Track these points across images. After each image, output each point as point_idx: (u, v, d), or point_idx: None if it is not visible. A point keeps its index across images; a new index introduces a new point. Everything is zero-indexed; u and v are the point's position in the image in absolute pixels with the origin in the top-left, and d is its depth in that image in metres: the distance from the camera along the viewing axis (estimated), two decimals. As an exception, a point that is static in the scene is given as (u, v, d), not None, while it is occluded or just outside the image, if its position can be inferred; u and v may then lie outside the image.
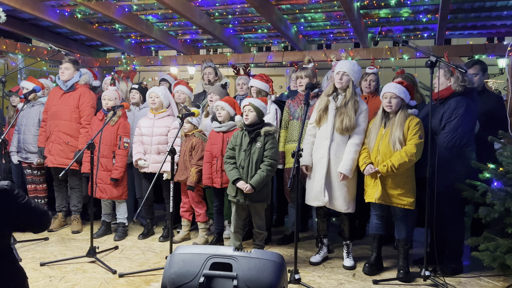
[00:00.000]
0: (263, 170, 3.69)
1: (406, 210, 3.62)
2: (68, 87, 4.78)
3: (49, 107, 4.86)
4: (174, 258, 2.59)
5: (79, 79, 4.86)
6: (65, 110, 4.75)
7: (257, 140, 3.75)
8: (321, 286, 3.45)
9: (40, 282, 3.42)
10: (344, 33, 7.32)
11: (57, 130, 4.72)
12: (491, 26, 6.42)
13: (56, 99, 4.80)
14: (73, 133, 4.75)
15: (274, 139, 3.80)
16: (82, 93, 4.80)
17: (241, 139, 3.81)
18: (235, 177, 3.73)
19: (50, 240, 4.52)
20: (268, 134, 3.75)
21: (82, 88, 4.86)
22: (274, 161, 3.74)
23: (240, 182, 3.71)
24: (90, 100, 4.83)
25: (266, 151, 3.73)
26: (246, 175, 3.73)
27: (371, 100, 4.36)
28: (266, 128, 3.75)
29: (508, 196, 3.27)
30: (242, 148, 3.78)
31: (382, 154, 3.60)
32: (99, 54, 9.00)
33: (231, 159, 3.85)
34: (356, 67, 3.80)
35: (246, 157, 3.75)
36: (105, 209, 4.76)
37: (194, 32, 7.70)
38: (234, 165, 3.81)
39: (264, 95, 4.35)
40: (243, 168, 3.74)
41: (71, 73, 4.78)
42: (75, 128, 4.76)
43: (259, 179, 3.67)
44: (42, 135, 4.88)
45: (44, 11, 6.29)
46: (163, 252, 4.21)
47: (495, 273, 3.70)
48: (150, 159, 4.54)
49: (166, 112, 4.60)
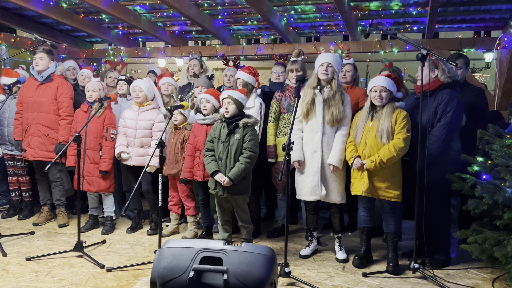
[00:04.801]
0: (242, 162, 3.64)
1: (393, 202, 3.64)
2: (44, 78, 4.64)
3: (23, 99, 4.70)
4: (164, 252, 2.56)
5: (55, 70, 4.74)
6: (42, 102, 4.61)
7: (236, 132, 3.70)
8: (311, 279, 3.45)
9: (26, 277, 3.36)
10: (334, 26, 7.31)
11: (36, 122, 4.60)
12: (479, 20, 6.46)
13: (32, 91, 4.66)
14: (53, 125, 4.64)
15: (254, 131, 3.75)
16: (60, 84, 4.67)
17: (219, 131, 3.76)
18: (213, 169, 3.69)
19: (36, 234, 4.45)
20: (247, 125, 3.70)
21: (59, 79, 4.73)
22: (253, 153, 3.69)
23: (218, 175, 3.67)
24: (68, 91, 4.70)
25: (245, 143, 3.68)
26: (224, 167, 3.68)
27: (350, 91, 4.37)
28: (245, 119, 3.70)
29: (497, 189, 3.29)
30: (220, 140, 3.73)
31: (369, 147, 3.60)
32: (85, 45, 8.86)
33: (209, 151, 3.80)
34: (339, 59, 3.85)
35: (225, 149, 3.70)
36: (92, 203, 4.70)
37: (182, 23, 7.62)
38: (212, 158, 3.76)
39: (250, 88, 4.31)
40: (222, 160, 3.69)
41: (46, 63, 4.64)
42: (54, 120, 4.65)
43: (237, 172, 3.63)
44: (18, 127, 4.75)
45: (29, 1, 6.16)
46: (151, 246, 4.17)
47: (483, 265, 3.74)
48: (133, 152, 4.48)
49: (151, 105, 4.53)
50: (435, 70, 3.69)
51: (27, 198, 5.12)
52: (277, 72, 4.67)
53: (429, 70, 3.67)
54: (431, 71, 3.68)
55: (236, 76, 4.43)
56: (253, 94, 4.35)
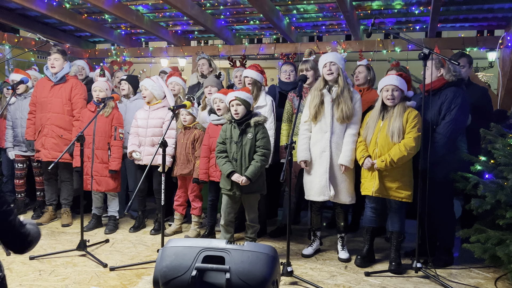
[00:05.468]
0: (257, 160, 3.67)
1: (401, 202, 3.61)
2: (58, 79, 4.66)
3: (37, 99, 4.73)
4: (166, 251, 2.57)
5: (69, 70, 4.76)
6: (56, 102, 4.63)
7: (248, 131, 3.73)
8: (313, 278, 3.45)
9: (29, 276, 3.37)
10: (337, 25, 7.30)
11: (50, 123, 4.61)
12: (482, 19, 6.45)
13: (46, 91, 4.67)
14: (66, 126, 4.65)
15: (265, 129, 3.78)
16: (74, 85, 4.69)
17: (230, 132, 3.78)
18: (230, 170, 3.70)
19: (39, 234, 4.46)
20: (258, 124, 3.73)
21: (73, 79, 4.76)
22: (267, 150, 3.72)
23: (235, 175, 3.68)
24: (82, 92, 4.73)
25: (258, 141, 3.71)
26: (240, 167, 3.70)
27: (366, 93, 4.34)
28: (256, 118, 3.73)
29: (500, 188, 3.28)
30: (233, 140, 3.75)
31: (380, 147, 3.58)
32: (88, 45, 8.88)
33: (222, 153, 3.81)
34: (339, 55, 3.82)
35: (238, 149, 3.72)
36: (96, 202, 4.71)
37: (185, 23, 7.63)
38: (226, 159, 3.78)
39: (259, 86, 4.31)
40: (236, 160, 3.72)
41: (60, 64, 4.65)
42: (68, 120, 4.66)
43: (254, 170, 3.65)
44: (31, 127, 4.76)
45: (32, 1, 6.18)
46: (154, 245, 4.18)
47: (485, 265, 3.73)
48: (144, 151, 4.50)
49: (161, 103, 4.55)
50: (441, 68, 3.68)
51: (40, 198, 5.14)
52: (287, 71, 4.61)
53: (435, 69, 3.66)
54: (437, 70, 3.67)
55: (244, 75, 4.43)
56: (263, 92, 4.35)
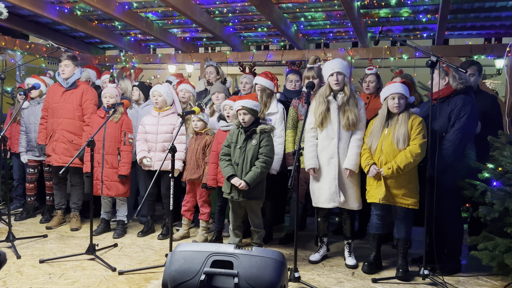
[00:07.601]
0: (258, 167, 3.70)
1: (407, 209, 3.62)
2: (69, 85, 4.74)
3: (49, 104, 4.81)
4: (175, 256, 2.60)
5: (80, 76, 4.83)
6: (67, 108, 4.70)
7: (253, 138, 3.77)
8: (320, 284, 3.46)
9: (39, 279, 3.42)
10: (344, 33, 7.33)
11: (61, 128, 4.68)
12: (490, 27, 6.45)
13: (57, 97, 4.75)
14: (77, 131, 4.72)
15: (270, 137, 3.82)
16: (85, 91, 4.77)
17: (237, 137, 3.83)
18: (230, 173, 3.75)
19: (49, 238, 4.52)
20: (263, 131, 3.78)
21: (84, 85, 4.83)
22: (269, 158, 3.75)
23: (234, 179, 3.72)
24: (93, 97, 4.80)
25: (261, 148, 3.75)
26: (240, 172, 3.74)
27: (373, 101, 4.36)
28: (262, 126, 3.78)
29: (507, 196, 3.28)
30: (237, 145, 3.80)
31: (385, 154, 3.59)
32: (98, 51, 8.98)
33: (226, 156, 3.86)
34: (345, 63, 3.82)
35: (241, 154, 3.76)
36: (105, 207, 4.75)
37: (193, 30, 7.71)
38: (229, 162, 3.82)
39: (269, 93, 4.34)
40: (238, 165, 3.76)
41: (71, 70, 4.73)
42: (79, 126, 4.73)
43: (253, 176, 3.68)
44: (42, 132, 4.83)
45: (43, 8, 6.28)
46: (162, 250, 4.21)
47: (493, 272, 3.71)
48: (155, 157, 4.53)
49: (171, 109, 4.59)
50: (446, 77, 3.69)
51: (49, 202, 5.20)
52: (293, 80, 4.65)
53: (439, 78, 3.67)
54: (442, 79, 3.68)
55: (254, 82, 4.46)
56: (274, 99, 4.37)
